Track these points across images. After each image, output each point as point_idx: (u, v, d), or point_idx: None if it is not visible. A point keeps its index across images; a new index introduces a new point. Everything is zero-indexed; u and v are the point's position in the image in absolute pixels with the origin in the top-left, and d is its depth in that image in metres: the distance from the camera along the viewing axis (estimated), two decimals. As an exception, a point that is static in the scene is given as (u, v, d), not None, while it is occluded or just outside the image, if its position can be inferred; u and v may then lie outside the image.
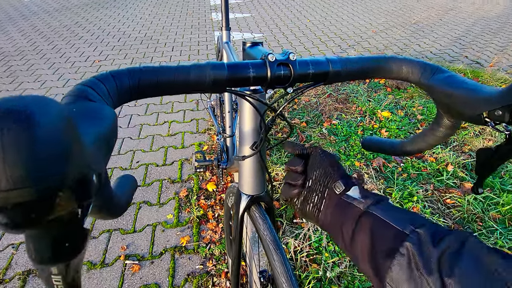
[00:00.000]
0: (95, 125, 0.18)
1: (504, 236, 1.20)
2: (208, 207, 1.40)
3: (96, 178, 0.16)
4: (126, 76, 0.26)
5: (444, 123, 0.36)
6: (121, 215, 0.27)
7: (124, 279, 1.11)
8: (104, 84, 0.24)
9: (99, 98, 0.23)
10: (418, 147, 0.41)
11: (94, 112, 0.20)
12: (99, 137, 0.18)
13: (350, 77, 0.37)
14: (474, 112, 0.30)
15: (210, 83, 0.30)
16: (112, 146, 0.20)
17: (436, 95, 0.34)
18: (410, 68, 0.37)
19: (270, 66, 0.32)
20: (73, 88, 0.23)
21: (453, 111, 0.33)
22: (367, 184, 1.46)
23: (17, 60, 2.99)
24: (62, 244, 0.14)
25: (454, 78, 0.33)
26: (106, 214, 0.24)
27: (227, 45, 0.95)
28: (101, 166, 0.17)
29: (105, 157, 0.19)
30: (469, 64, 2.76)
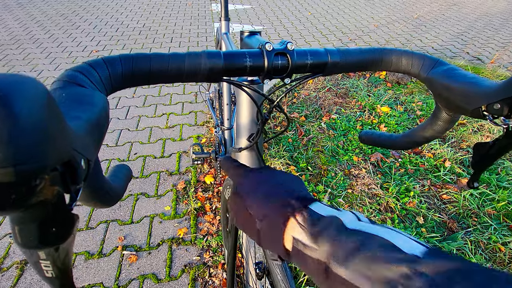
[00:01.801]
0: (84, 111, 0.18)
1: (498, 231, 1.22)
2: (206, 199, 1.41)
3: (84, 164, 0.15)
4: (119, 62, 0.26)
5: (442, 117, 0.36)
6: (114, 204, 0.26)
7: (121, 269, 1.12)
8: (96, 70, 0.24)
9: (90, 84, 0.22)
10: (416, 141, 0.41)
11: (84, 98, 0.20)
12: (88, 123, 0.17)
13: (349, 69, 0.36)
14: (472, 105, 0.30)
15: (206, 72, 0.30)
16: (102, 134, 0.20)
17: (435, 88, 0.34)
18: (410, 61, 0.36)
19: (267, 55, 0.31)
20: (63, 73, 0.22)
21: (452, 104, 0.33)
22: (364, 179, 1.47)
23: (13, 49, 2.94)
24: (49, 228, 0.14)
25: (454, 71, 0.33)
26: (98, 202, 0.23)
27: (226, 36, 0.93)
28: (91, 152, 0.17)
29: (95, 144, 0.19)
30: (470, 61, 2.74)
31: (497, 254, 1.15)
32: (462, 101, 0.31)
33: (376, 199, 1.38)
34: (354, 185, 1.45)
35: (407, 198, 1.36)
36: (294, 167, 1.53)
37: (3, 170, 0.10)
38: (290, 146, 1.69)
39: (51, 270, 0.16)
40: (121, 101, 2.15)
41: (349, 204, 1.36)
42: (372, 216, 1.30)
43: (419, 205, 1.34)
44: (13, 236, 0.14)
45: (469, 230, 1.23)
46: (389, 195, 1.37)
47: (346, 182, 1.46)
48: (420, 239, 1.18)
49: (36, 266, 0.15)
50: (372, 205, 1.35)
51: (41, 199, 0.12)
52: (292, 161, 1.58)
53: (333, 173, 1.51)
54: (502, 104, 0.27)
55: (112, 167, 0.31)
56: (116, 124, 1.92)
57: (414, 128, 0.41)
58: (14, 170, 0.10)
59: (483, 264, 1.09)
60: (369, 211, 1.32)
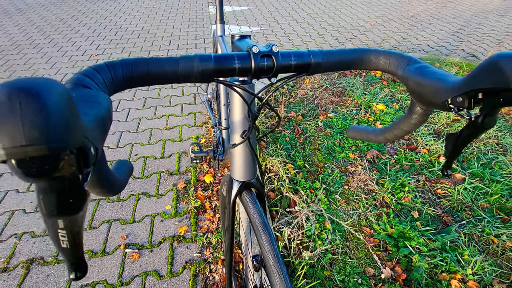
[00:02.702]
0: (92, 108, 0.21)
1: (491, 224, 1.25)
2: (206, 198, 1.44)
3: (94, 150, 0.19)
4: (120, 66, 0.29)
5: (417, 111, 0.39)
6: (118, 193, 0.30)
7: (124, 266, 1.15)
8: (100, 74, 0.27)
9: (95, 85, 0.25)
10: (395, 134, 0.44)
11: (91, 97, 0.23)
12: (95, 118, 0.21)
13: (331, 68, 0.39)
14: (440, 99, 0.33)
15: (198, 74, 0.33)
16: (107, 128, 0.23)
17: (409, 84, 0.37)
18: (388, 60, 0.39)
19: (254, 57, 0.34)
20: (72, 77, 0.25)
21: (424, 99, 0.36)
22: (360, 176, 1.50)
23: (14, 54, 2.99)
24: (67, 199, 0.17)
25: (425, 68, 0.36)
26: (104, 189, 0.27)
27: (221, 39, 0.97)
28: (98, 142, 0.20)
29: (102, 136, 0.22)
30: (465, 57, 2.77)
31: (490, 246, 1.18)
32: (431, 96, 0.34)
33: (372, 195, 1.41)
34: (351, 181, 1.48)
35: (402, 193, 1.39)
36: (292, 165, 1.56)
37: (39, 146, 0.14)
38: (288, 144, 1.72)
39: (66, 240, 0.19)
40: (121, 104, 2.19)
41: (345, 200, 1.39)
42: (368, 211, 1.33)
43: (414, 199, 1.37)
44: (39, 207, 0.17)
45: (463, 223, 1.26)
46: (384, 190, 1.40)
47: (343, 178, 1.49)
48: (415, 232, 1.21)
49: (55, 236, 0.19)
50: (368, 200, 1.38)
51: (62, 174, 0.16)
52: (290, 159, 1.61)
53: (330, 170, 1.54)
54: (464, 97, 0.30)
55: (115, 162, 0.34)
56: (117, 126, 1.96)
57: (393, 122, 0.44)
58: (48, 147, 0.14)
59: (476, 256, 1.12)
60: (365, 206, 1.35)
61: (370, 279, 1.09)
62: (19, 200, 1.43)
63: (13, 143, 0.13)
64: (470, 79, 0.29)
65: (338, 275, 1.09)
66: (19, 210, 1.38)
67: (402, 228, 1.22)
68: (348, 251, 1.18)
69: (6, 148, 0.13)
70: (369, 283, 1.07)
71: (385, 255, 1.16)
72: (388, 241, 1.19)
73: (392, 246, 1.18)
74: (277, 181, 1.45)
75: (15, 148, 0.13)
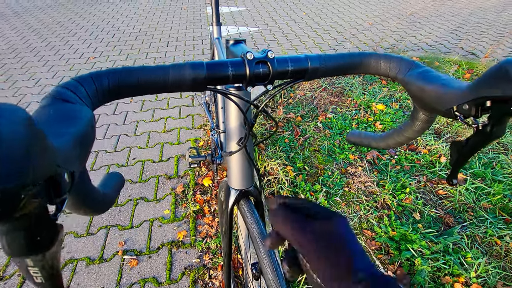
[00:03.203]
0: (70, 126, 0.20)
1: (494, 225, 1.23)
2: (204, 202, 1.42)
3: (68, 176, 0.17)
4: (105, 77, 0.27)
5: (419, 117, 0.37)
6: (106, 211, 0.28)
7: (122, 273, 1.14)
8: (83, 86, 0.25)
9: (77, 99, 0.24)
10: (397, 140, 0.42)
11: (69, 113, 0.21)
12: (73, 137, 0.19)
13: (329, 73, 0.38)
14: (445, 106, 0.31)
15: (190, 82, 0.31)
16: (88, 146, 0.21)
17: (411, 89, 0.35)
18: (388, 64, 0.37)
19: (248, 64, 0.33)
20: (52, 90, 0.24)
21: (427, 105, 0.34)
22: (360, 177, 1.48)
23: (10, 58, 2.97)
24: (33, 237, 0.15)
25: (428, 73, 0.34)
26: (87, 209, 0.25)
27: (218, 41, 0.95)
28: (75, 164, 0.18)
29: (81, 156, 0.20)
30: (464, 55, 2.76)
31: (493, 248, 1.16)
32: (435, 102, 0.32)
33: (373, 197, 1.39)
34: (351, 183, 1.46)
35: (403, 195, 1.37)
36: (291, 167, 1.54)
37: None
38: (287, 146, 1.70)
39: (40, 276, 0.17)
40: (118, 107, 2.17)
41: (346, 203, 1.37)
42: (369, 214, 1.31)
43: (416, 201, 1.35)
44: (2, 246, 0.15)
45: (465, 225, 1.25)
46: (385, 192, 1.39)
47: (343, 180, 1.48)
48: (417, 235, 1.19)
49: (26, 273, 0.17)
50: (369, 202, 1.36)
51: (25, 212, 0.14)
52: (289, 161, 1.59)
53: (330, 172, 1.53)
54: (470, 105, 0.29)
55: (104, 175, 0.33)
56: (114, 129, 1.94)
57: (395, 128, 0.42)
58: None
59: (479, 258, 1.10)
60: (366, 208, 1.33)
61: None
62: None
63: None
64: (478, 85, 0.28)
65: (339, 280, 1.07)
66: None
67: (404, 231, 1.20)
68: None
69: None
70: (371, 287, 1.05)
71: (387, 258, 1.14)
72: (390, 244, 1.17)
73: (394, 249, 1.16)
74: (276, 184, 1.43)
75: None
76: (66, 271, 1.14)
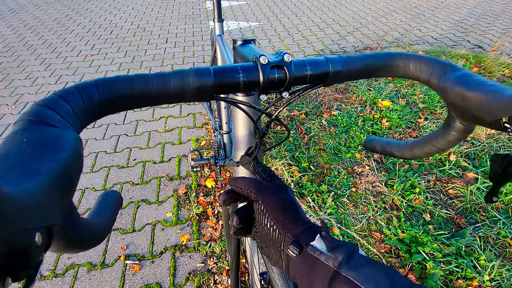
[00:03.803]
0: (46, 161, 0.15)
1: (507, 226, 1.19)
2: (208, 204, 1.38)
3: (40, 236, 0.13)
4: (94, 89, 0.23)
5: (456, 127, 0.33)
6: (99, 243, 0.24)
7: (125, 279, 1.11)
8: (68, 102, 0.21)
9: (60, 120, 0.19)
10: (427, 151, 0.38)
11: (49, 142, 0.17)
12: (50, 176, 0.15)
13: (352, 77, 0.33)
14: (492, 117, 0.27)
15: (194, 91, 0.27)
16: (73, 181, 0.17)
17: (449, 96, 0.30)
18: (419, 66, 0.33)
19: (262, 69, 0.28)
20: (29, 109, 0.19)
21: (468, 115, 0.30)
22: (368, 177, 1.44)
23: (7, 57, 2.91)
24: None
25: (469, 77, 0.29)
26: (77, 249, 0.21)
27: (220, 38, 0.90)
28: (53, 214, 0.14)
29: (64, 198, 0.16)
30: (471, 49, 2.69)
31: (507, 250, 1.12)
32: (479, 112, 0.28)
33: (381, 197, 1.35)
34: (358, 183, 1.42)
35: (412, 195, 1.33)
36: (296, 167, 1.50)
37: None
38: (291, 145, 1.66)
39: None
40: (118, 106, 2.12)
41: (353, 203, 1.33)
42: (378, 215, 1.27)
43: (425, 201, 1.31)
44: None
45: (478, 226, 1.21)
46: (394, 192, 1.35)
47: (350, 180, 1.44)
48: (428, 237, 1.15)
49: None
50: (377, 203, 1.32)
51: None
52: (294, 161, 1.55)
53: (336, 171, 1.49)
54: None
55: (98, 198, 0.28)
56: (113, 129, 1.89)
57: (424, 136, 0.38)
58: None
59: (493, 261, 1.07)
60: (374, 209, 1.29)
61: (382, 288, 1.04)
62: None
63: None
64: None
65: (348, 285, 1.04)
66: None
67: (414, 233, 1.16)
68: (358, 258, 1.13)
69: None
70: (381, 292, 1.02)
71: (397, 261, 1.11)
72: (400, 247, 1.14)
73: (404, 252, 1.12)
74: (281, 185, 1.39)
75: None
76: (67, 277, 1.12)
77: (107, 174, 1.56)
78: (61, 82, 2.45)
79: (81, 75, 2.53)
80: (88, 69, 2.63)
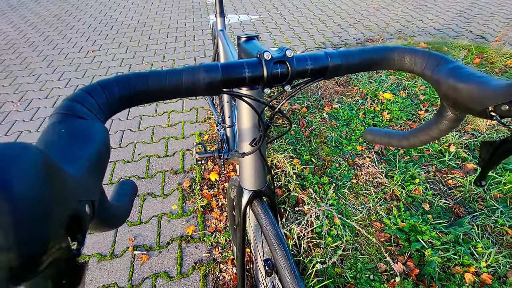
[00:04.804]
0: (84, 147, 0.18)
1: (505, 214, 1.22)
2: (212, 196, 1.42)
3: (89, 208, 0.15)
4: (115, 85, 0.25)
5: (448, 116, 0.35)
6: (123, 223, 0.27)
7: (133, 269, 1.15)
8: (93, 97, 0.23)
9: (88, 113, 0.22)
10: (421, 140, 0.40)
11: (82, 132, 0.19)
12: (89, 161, 0.17)
13: (351, 71, 0.35)
14: (480, 106, 0.29)
15: (205, 86, 0.29)
16: (105, 166, 0.20)
17: (442, 88, 0.33)
18: (413, 59, 0.35)
19: (266, 64, 0.31)
20: (61, 104, 0.22)
21: (459, 105, 0.32)
22: (369, 168, 1.46)
23: (9, 54, 2.93)
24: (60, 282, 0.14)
25: (460, 70, 0.32)
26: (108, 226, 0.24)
27: (222, 33, 0.92)
28: (95, 191, 0.17)
29: (99, 179, 0.19)
30: (474, 39, 2.67)
31: (504, 237, 1.15)
32: (469, 102, 0.30)
33: (381, 188, 1.38)
34: (359, 175, 1.45)
35: (412, 186, 1.36)
36: (298, 159, 1.53)
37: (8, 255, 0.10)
38: (293, 138, 1.68)
39: None
40: (121, 102, 2.15)
41: (354, 194, 1.36)
42: (378, 205, 1.30)
43: (425, 191, 1.34)
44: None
45: (476, 215, 1.24)
46: (394, 183, 1.37)
47: (351, 172, 1.46)
48: (427, 226, 1.18)
49: None
50: (378, 194, 1.35)
51: (50, 260, 0.12)
52: (296, 154, 1.58)
53: (337, 164, 1.51)
54: (510, 105, 0.26)
55: (115, 186, 0.31)
56: (118, 125, 1.92)
57: (419, 126, 0.40)
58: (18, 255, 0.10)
59: (490, 248, 1.10)
60: (375, 200, 1.32)
61: (382, 275, 1.07)
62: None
63: None
64: None
65: (349, 272, 1.07)
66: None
67: (414, 222, 1.19)
68: (359, 246, 1.16)
69: None
70: (381, 278, 1.06)
71: (396, 249, 1.14)
72: (400, 236, 1.17)
73: (403, 241, 1.16)
74: (283, 177, 1.42)
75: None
76: (79, 267, 1.16)
77: (113, 168, 1.60)
78: (64, 78, 2.47)
79: (84, 71, 2.55)
80: (90, 65, 2.65)
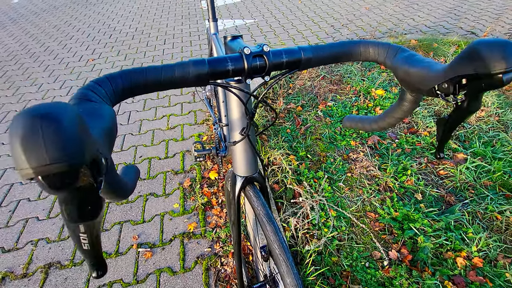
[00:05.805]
0: (98, 121, 0.23)
1: (495, 201, 1.26)
2: (212, 194, 1.47)
3: (104, 161, 0.21)
4: (119, 78, 0.31)
5: (407, 98, 0.40)
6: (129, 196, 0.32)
7: (138, 265, 1.20)
8: (102, 87, 0.29)
9: (99, 99, 0.27)
10: (388, 122, 0.45)
11: (96, 111, 0.25)
12: (103, 130, 0.23)
13: (322, 62, 0.41)
14: (427, 86, 0.34)
15: (194, 78, 0.35)
16: (113, 138, 0.25)
17: (398, 73, 0.38)
18: (376, 50, 0.40)
19: (246, 58, 0.36)
20: (77, 92, 0.27)
21: (412, 86, 0.37)
22: (362, 162, 1.51)
23: (11, 65, 3.00)
24: (85, 207, 0.19)
25: (413, 57, 0.37)
26: (116, 194, 0.29)
27: (215, 37, 0.97)
28: (107, 152, 0.22)
29: (109, 146, 0.24)
30: (464, 35, 2.73)
31: (494, 223, 1.20)
32: (419, 83, 0.35)
33: (375, 180, 1.43)
34: (353, 168, 1.50)
35: (405, 177, 1.40)
36: (294, 156, 1.58)
37: (60, 164, 0.16)
38: (289, 136, 1.73)
39: (87, 243, 0.22)
40: (122, 107, 2.21)
41: (349, 187, 1.41)
42: (372, 197, 1.35)
43: (417, 182, 1.38)
44: (62, 215, 0.19)
45: (466, 202, 1.28)
46: (387, 175, 1.42)
47: (345, 166, 1.51)
48: (419, 214, 1.23)
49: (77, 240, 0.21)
50: (372, 186, 1.40)
51: (80, 184, 0.18)
52: (292, 151, 1.63)
53: (332, 158, 1.56)
54: (449, 83, 0.32)
55: (122, 168, 0.36)
56: (119, 129, 1.98)
57: (386, 110, 0.45)
58: (68, 164, 0.16)
59: (480, 233, 1.14)
60: (369, 192, 1.37)
61: (377, 262, 1.11)
62: (31, 208, 1.47)
63: (38, 163, 0.16)
64: (454, 66, 0.31)
65: (345, 260, 1.12)
66: (33, 218, 1.42)
67: (406, 211, 1.24)
68: (354, 236, 1.20)
69: (33, 167, 0.16)
70: (376, 266, 1.10)
71: (390, 238, 1.19)
72: (393, 224, 1.21)
73: (397, 229, 1.20)
74: (280, 173, 1.47)
75: (41, 167, 0.16)
76: (85, 265, 1.21)
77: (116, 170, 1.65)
78: (65, 86, 2.53)
79: (84, 79, 2.62)
80: (90, 73, 2.71)
